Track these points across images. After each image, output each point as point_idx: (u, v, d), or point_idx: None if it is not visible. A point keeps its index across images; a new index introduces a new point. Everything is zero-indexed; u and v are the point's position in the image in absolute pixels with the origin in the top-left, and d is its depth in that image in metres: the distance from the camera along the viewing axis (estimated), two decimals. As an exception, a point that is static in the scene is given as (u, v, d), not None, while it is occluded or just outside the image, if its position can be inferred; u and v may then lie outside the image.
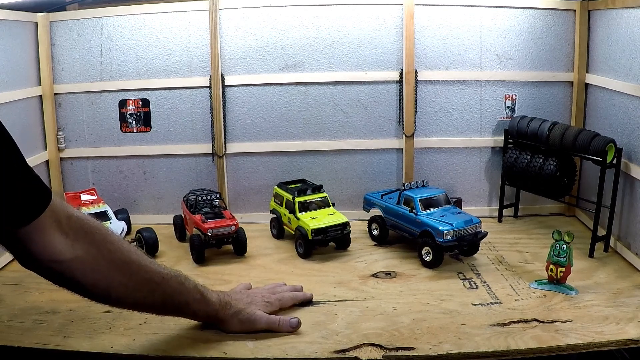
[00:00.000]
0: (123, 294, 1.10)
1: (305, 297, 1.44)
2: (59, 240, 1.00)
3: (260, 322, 1.26)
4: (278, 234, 1.95)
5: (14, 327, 1.32)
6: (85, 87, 2.03)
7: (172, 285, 1.16)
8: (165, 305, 1.18)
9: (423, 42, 2.01)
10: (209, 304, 1.23)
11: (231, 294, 1.31)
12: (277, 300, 1.35)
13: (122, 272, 1.08)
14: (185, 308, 1.21)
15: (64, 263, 1.01)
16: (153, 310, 1.20)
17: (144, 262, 1.12)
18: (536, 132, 1.90)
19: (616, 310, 1.38)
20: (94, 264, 1.04)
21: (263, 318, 1.27)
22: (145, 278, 1.12)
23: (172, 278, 1.17)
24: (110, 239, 1.09)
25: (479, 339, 1.25)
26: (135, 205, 2.11)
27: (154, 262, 1.15)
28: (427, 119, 2.07)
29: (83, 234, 1.04)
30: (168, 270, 1.17)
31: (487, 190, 2.14)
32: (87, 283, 1.04)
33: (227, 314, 1.25)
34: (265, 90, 2.05)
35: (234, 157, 2.09)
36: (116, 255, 1.08)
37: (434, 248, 1.65)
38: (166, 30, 2.00)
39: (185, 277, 1.20)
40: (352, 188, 2.11)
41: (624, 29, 1.74)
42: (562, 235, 1.50)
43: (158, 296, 1.15)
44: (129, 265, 1.10)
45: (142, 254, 1.14)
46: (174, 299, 1.18)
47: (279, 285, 1.46)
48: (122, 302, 1.13)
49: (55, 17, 1.99)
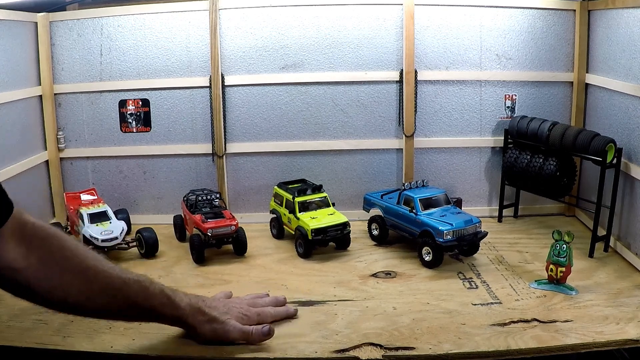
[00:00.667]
0: (82, 301, 1.07)
1: (288, 313, 1.36)
2: (13, 249, 0.99)
3: (234, 333, 1.21)
4: (278, 234, 1.95)
5: (14, 327, 1.32)
6: (85, 87, 2.03)
7: (135, 289, 1.13)
8: (130, 311, 1.15)
9: (423, 42, 2.01)
10: (177, 309, 1.18)
11: (206, 301, 1.25)
12: (255, 315, 1.29)
13: (80, 279, 1.06)
14: (151, 313, 1.16)
15: (18, 271, 0.99)
16: (118, 316, 1.17)
17: (102, 268, 1.09)
18: (536, 132, 1.90)
19: (616, 310, 1.38)
20: (49, 272, 1.02)
21: (236, 328, 1.22)
22: (104, 284, 1.08)
23: (135, 283, 1.13)
24: (67, 245, 1.06)
25: (479, 338, 1.25)
26: (135, 205, 2.11)
27: (115, 267, 1.12)
28: (427, 119, 2.07)
29: (38, 241, 1.02)
30: (130, 275, 1.13)
31: (487, 190, 2.14)
32: (42, 291, 1.02)
33: (199, 320, 1.20)
34: (265, 90, 2.05)
35: (234, 157, 2.09)
36: (73, 262, 1.05)
37: (434, 248, 1.65)
38: (166, 30, 2.00)
39: (151, 281, 1.16)
40: (352, 188, 2.11)
41: (624, 29, 1.74)
42: (562, 235, 1.50)
43: (121, 302, 1.11)
44: (87, 272, 1.07)
45: (102, 259, 1.11)
46: (138, 304, 1.13)
47: (260, 297, 1.40)
48: (83, 309, 1.10)
49: (55, 17, 1.99)
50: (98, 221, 1.75)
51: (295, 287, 1.56)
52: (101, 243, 1.70)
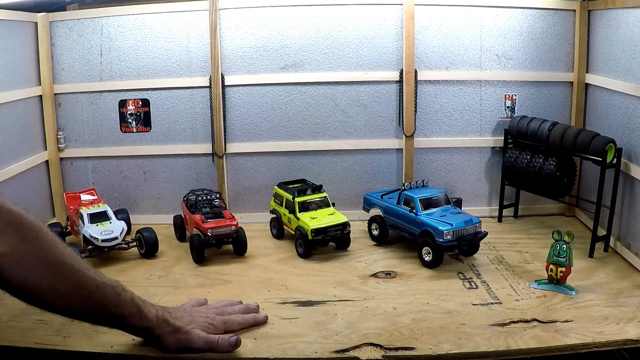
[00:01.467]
0: (53, 297, 1.04)
1: (256, 320, 1.33)
2: None
3: (198, 342, 1.19)
4: (278, 234, 1.95)
5: (14, 327, 1.32)
6: (85, 87, 2.03)
7: (108, 295, 1.10)
8: (99, 316, 1.13)
9: (423, 42, 2.01)
10: (144, 320, 1.16)
11: (172, 311, 1.23)
12: (222, 323, 1.26)
13: (54, 274, 1.03)
14: (119, 320, 1.14)
15: None
16: (87, 319, 1.14)
17: (78, 267, 1.06)
18: (536, 132, 1.90)
19: (616, 310, 1.38)
20: (22, 261, 0.99)
21: (201, 338, 1.19)
22: (78, 284, 1.06)
23: (108, 288, 1.10)
24: (45, 237, 1.03)
25: (479, 339, 1.25)
26: (135, 205, 2.11)
27: (90, 268, 1.10)
28: (427, 119, 2.07)
29: (13, 228, 0.98)
30: (105, 280, 1.11)
31: (487, 190, 2.14)
32: (15, 281, 0.99)
33: (164, 331, 1.18)
34: (265, 90, 2.05)
35: (234, 157, 2.09)
36: (48, 255, 1.02)
37: (434, 248, 1.65)
38: (166, 30, 2.00)
39: (123, 288, 1.14)
40: (352, 188, 2.11)
41: (624, 29, 1.74)
42: (562, 235, 1.50)
43: (91, 305, 1.09)
44: (62, 268, 1.04)
45: (78, 258, 1.09)
46: (108, 310, 1.11)
47: (230, 305, 1.38)
48: (53, 306, 1.07)
49: (55, 17, 1.99)
50: (98, 221, 1.75)
51: (295, 287, 1.56)
52: (101, 243, 1.70)
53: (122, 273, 1.67)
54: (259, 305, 1.41)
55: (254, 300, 1.45)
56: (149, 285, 1.59)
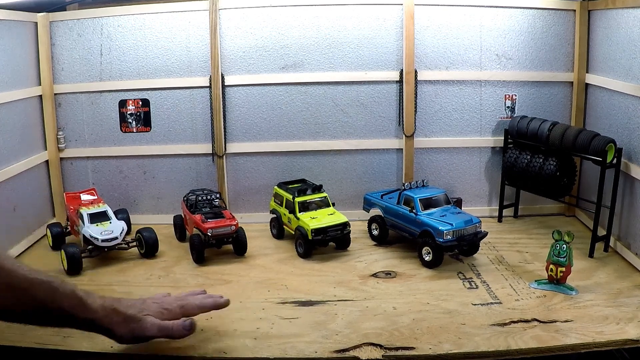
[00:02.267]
0: None
1: (216, 303, 1.29)
2: None
3: (152, 330, 1.16)
4: (278, 234, 1.95)
5: (14, 327, 1.31)
6: (85, 87, 2.03)
7: (43, 290, 1.07)
8: (40, 314, 1.09)
9: (423, 42, 2.01)
10: (87, 311, 1.11)
11: (123, 301, 1.19)
12: (178, 308, 1.23)
13: None
14: (61, 316, 1.10)
15: None
16: (31, 320, 1.10)
17: (9, 267, 1.03)
18: (536, 132, 1.90)
19: (616, 310, 1.38)
20: None
21: (154, 325, 1.17)
22: (9, 283, 1.03)
23: (43, 284, 1.07)
24: None
25: (479, 338, 1.25)
26: (135, 205, 2.11)
27: (23, 267, 1.06)
28: (427, 119, 2.07)
29: None
30: (39, 276, 1.07)
31: (487, 190, 2.14)
32: None
33: (115, 321, 1.14)
34: (265, 90, 2.05)
35: (234, 157, 2.09)
36: None
37: (434, 248, 1.65)
38: (166, 30, 2.00)
39: (61, 282, 1.11)
40: (352, 188, 2.11)
41: (624, 29, 1.74)
42: (562, 235, 1.50)
43: (27, 303, 1.05)
44: None
45: (9, 257, 1.06)
46: (46, 306, 1.07)
47: (192, 294, 1.33)
48: None
49: (55, 17, 1.99)
50: (98, 221, 1.75)
51: (295, 287, 1.56)
52: (101, 243, 1.70)
53: (122, 273, 1.68)
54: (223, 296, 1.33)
55: (254, 300, 1.45)
56: (149, 285, 1.59)
